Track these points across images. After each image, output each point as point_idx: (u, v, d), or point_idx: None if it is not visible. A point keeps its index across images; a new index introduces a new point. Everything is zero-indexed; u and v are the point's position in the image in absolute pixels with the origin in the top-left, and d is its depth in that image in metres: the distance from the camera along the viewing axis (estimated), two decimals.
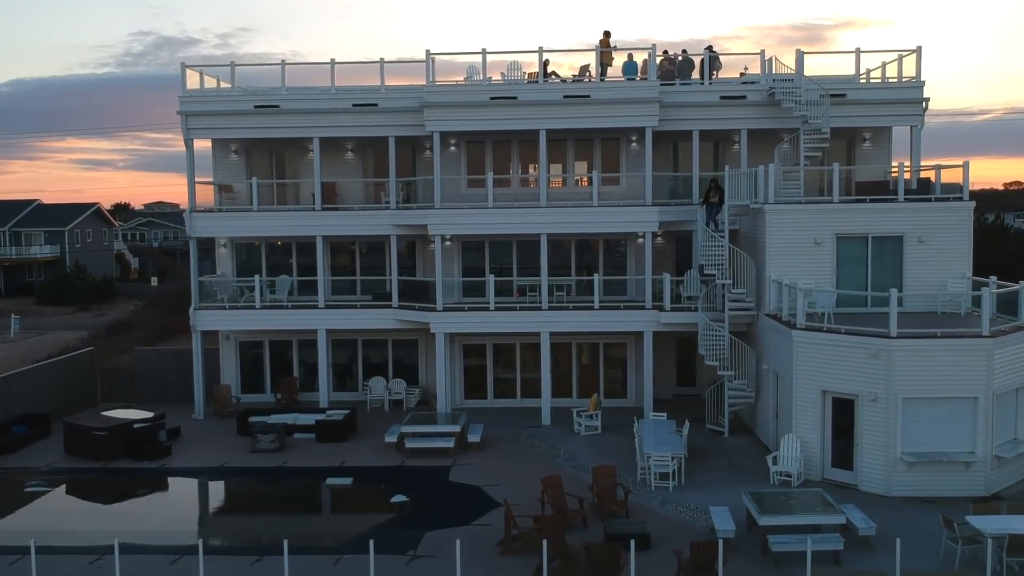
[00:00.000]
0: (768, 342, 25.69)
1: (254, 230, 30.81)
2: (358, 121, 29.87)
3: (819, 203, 25.87)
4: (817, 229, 25.69)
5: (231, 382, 32.90)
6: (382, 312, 30.35)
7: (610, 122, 28.88)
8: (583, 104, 28.57)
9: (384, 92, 29.87)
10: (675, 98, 29.30)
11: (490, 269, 31.46)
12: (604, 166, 31.46)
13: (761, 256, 26.35)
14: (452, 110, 28.77)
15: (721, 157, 31.83)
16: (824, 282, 25.50)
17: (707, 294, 27.95)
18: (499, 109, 28.68)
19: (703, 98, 29.42)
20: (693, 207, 29.18)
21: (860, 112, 29.32)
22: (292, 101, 29.97)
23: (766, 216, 25.76)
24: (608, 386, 31.82)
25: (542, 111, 28.63)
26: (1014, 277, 27.26)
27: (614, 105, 28.54)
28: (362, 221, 30.27)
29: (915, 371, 21.43)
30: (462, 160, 31.44)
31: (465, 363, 31.87)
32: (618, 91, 28.67)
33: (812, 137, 28.00)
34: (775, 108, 28.86)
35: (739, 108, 29.39)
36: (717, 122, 29.56)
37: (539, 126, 28.74)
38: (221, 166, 32.88)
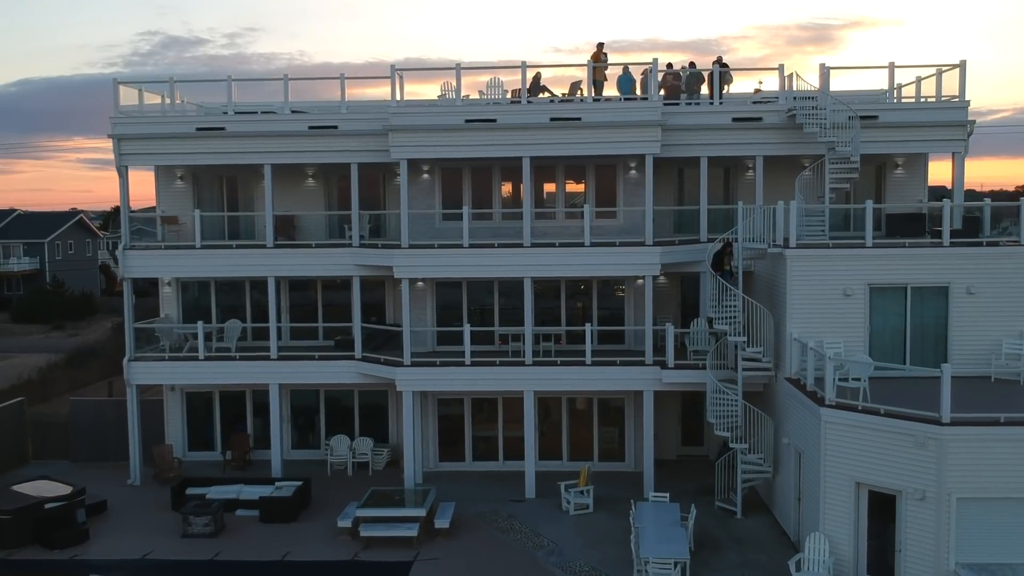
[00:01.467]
0: (789, 412, 21.72)
1: (198, 270, 26.93)
2: (316, 145, 25.99)
3: (849, 247, 21.87)
4: (847, 278, 21.71)
5: (176, 438, 29.07)
6: (343, 364, 26.46)
7: (605, 148, 24.93)
8: (573, 128, 24.64)
9: (346, 113, 25.98)
10: (680, 120, 25.35)
11: (468, 313, 27.56)
12: (599, 195, 27.53)
13: (780, 308, 22.38)
14: (421, 134, 24.86)
15: (733, 186, 27.91)
16: (855, 340, 21.57)
17: (717, 349, 23.99)
18: (476, 133, 24.77)
19: (712, 120, 25.46)
20: (701, 246, 25.24)
21: (894, 136, 25.34)
22: (240, 123, 26.10)
23: (787, 262, 21.79)
24: (604, 446, 27.87)
25: (526, 135, 24.70)
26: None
27: (609, 129, 24.60)
28: (321, 260, 26.37)
29: (973, 465, 17.43)
30: (436, 189, 27.53)
31: (440, 418, 27.95)
32: (614, 112, 24.73)
33: (839, 167, 24.05)
34: (796, 132, 24.91)
35: (754, 132, 25.43)
36: (728, 147, 25.61)
37: (522, 153, 24.82)
38: (165, 194, 29.03)
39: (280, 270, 26.49)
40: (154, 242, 27.93)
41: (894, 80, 26.13)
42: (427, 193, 27.43)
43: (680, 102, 26.27)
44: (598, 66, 25.60)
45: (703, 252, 24.83)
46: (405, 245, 25.14)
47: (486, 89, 26.03)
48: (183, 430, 29.23)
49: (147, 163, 27.02)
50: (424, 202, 27.37)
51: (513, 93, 26.16)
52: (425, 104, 26.22)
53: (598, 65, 25.57)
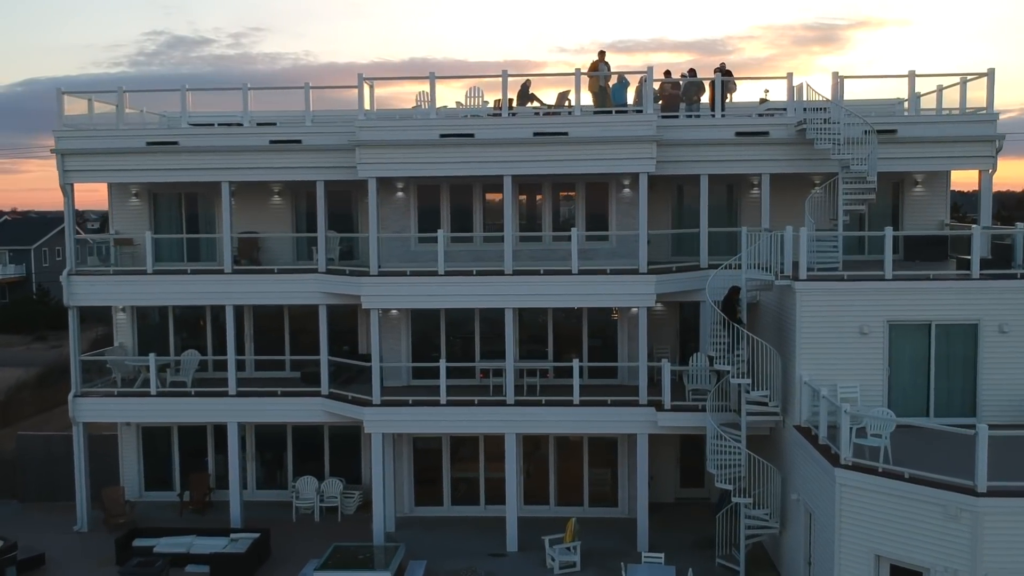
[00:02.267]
0: (798, 465, 19.34)
1: (149, 297, 24.58)
2: (278, 161, 23.66)
3: (866, 279, 19.48)
4: (863, 313, 19.33)
5: (131, 476, 26.82)
6: (308, 401, 24.14)
7: (594, 166, 22.56)
8: (559, 144, 22.28)
9: (310, 126, 23.65)
10: (678, 134, 22.98)
11: (447, 343, 25.20)
12: (590, 215, 25.16)
13: (789, 346, 20.02)
14: (391, 150, 22.52)
15: (737, 204, 25.54)
16: (872, 384, 19.23)
17: (718, 389, 21.62)
18: (451, 149, 22.42)
19: (713, 134, 23.08)
20: (701, 274, 22.91)
21: (915, 152, 22.96)
22: (195, 137, 23.79)
23: (796, 296, 19.42)
24: (595, 488, 25.51)
25: (507, 152, 22.35)
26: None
27: (599, 145, 22.24)
28: (284, 287, 24.05)
29: (1014, 543, 15.04)
30: (411, 208, 25.17)
31: (416, 454, 25.60)
32: (604, 127, 22.34)
33: (855, 187, 21.67)
34: (806, 147, 22.54)
35: (759, 147, 23.06)
36: (731, 164, 23.24)
37: (503, 171, 22.48)
38: (119, 212, 26.75)
39: (239, 297, 24.18)
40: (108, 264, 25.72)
41: (914, 89, 23.71)
42: (401, 213, 25.08)
43: (679, 114, 23.92)
44: (587, 75, 23.17)
45: (703, 280, 22.47)
46: (374, 272, 22.81)
47: (465, 99, 23.70)
48: (139, 467, 26.96)
49: (94, 180, 24.70)
50: (398, 222, 25.02)
51: (497, 103, 23.84)
52: (396, 117, 23.87)
53: (586, 74, 23.15)
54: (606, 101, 23.40)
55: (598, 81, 23.55)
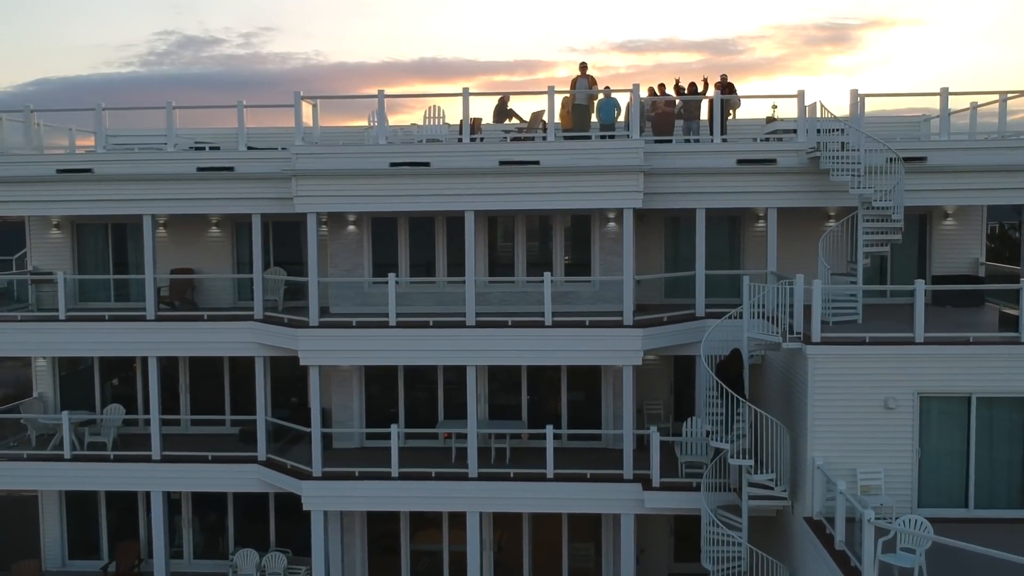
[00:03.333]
0: (810, 566, 16.03)
1: (63, 347, 21.44)
2: (208, 191, 20.48)
3: (892, 343, 16.15)
4: (889, 384, 16.06)
5: (53, 542, 23.67)
6: (243, 469, 20.95)
7: (571, 200, 19.30)
8: (530, 174, 19.01)
9: (244, 152, 20.45)
10: (670, 162, 19.70)
11: (405, 399, 21.95)
12: (570, 251, 21.85)
13: (799, 419, 16.74)
14: (332, 181, 19.28)
15: (740, 239, 22.27)
16: (899, 468, 16.02)
17: (717, 464, 18.33)
18: (404, 180, 19.17)
19: (711, 162, 19.77)
20: (696, 324, 19.68)
21: (948, 183, 19.63)
22: (112, 164, 20.61)
23: (808, 363, 16.13)
24: (576, 565, 22.20)
25: (469, 184, 19.09)
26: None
27: (577, 176, 18.97)
28: (215, 336, 20.85)
29: None
30: (365, 244, 21.87)
31: (370, 526, 22.29)
32: (582, 155, 19.05)
33: (877, 225, 18.36)
34: (819, 177, 19.25)
35: (765, 177, 19.75)
36: (732, 197, 19.95)
37: (464, 206, 19.23)
38: (39, 247, 23.61)
39: (164, 348, 20.99)
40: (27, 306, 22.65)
41: (946, 108, 20.36)
42: (353, 249, 21.82)
43: (673, 138, 20.67)
44: (561, 92, 19.84)
45: (699, 332, 19.25)
46: (313, 322, 19.58)
47: (426, 119, 20.44)
48: (62, 533, 23.78)
49: (2, 212, 21.54)
50: (349, 260, 21.77)
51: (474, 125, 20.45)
52: (339, 142, 20.65)
53: (560, 92, 19.81)
54: (587, 122, 20.10)
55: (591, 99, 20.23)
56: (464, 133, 19.14)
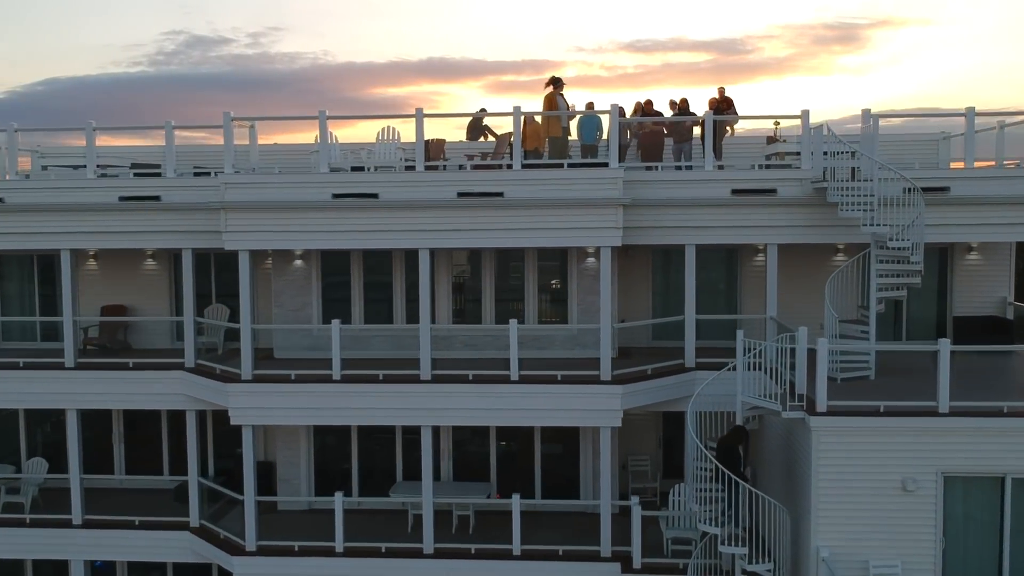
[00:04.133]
0: None
1: None
2: (132, 223, 18.08)
3: (911, 414, 13.65)
4: (908, 461, 13.62)
5: None
6: (173, 537, 18.53)
7: (540, 238, 16.83)
8: (492, 208, 16.53)
9: (173, 179, 18.04)
10: (656, 192, 17.23)
11: (360, 455, 19.52)
12: (544, 289, 19.41)
13: (801, 500, 14.27)
14: (267, 215, 16.86)
15: (737, 273, 19.79)
16: (919, 561, 13.66)
17: (707, 544, 15.85)
18: (349, 215, 16.73)
19: (703, 192, 17.28)
20: (686, 377, 17.24)
21: (974, 217, 17.16)
22: (22, 192, 18.21)
23: (813, 437, 13.66)
24: None
25: (422, 218, 16.63)
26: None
27: (546, 210, 16.48)
28: (141, 387, 18.45)
29: None
30: (313, 281, 19.47)
31: None
32: (552, 186, 16.55)
33: (893, 267, 15.86)
34: (826, 210, 16.74)
35: (764, 210, 17.25)
36: (727, 232, 17.46)
37: (417, 243, 16.78)
38: None
39: (86, 399, 18.60)
40: None
41: (972, 128, 17.82)
42: (300, 286, 19.41)
43: (660, 165, 18.23)
44: (528, 115, 17.37)
45: (689, 386, 16.87)
46: (246, 375, 17.15)
47: (380, 138, 17.98)
48: None
49: None
50: (296, 299, 19.38)
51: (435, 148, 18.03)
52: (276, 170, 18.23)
53: (528, 114, 17.33)
54: (565, 147, 17.61)
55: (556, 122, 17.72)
56: (418, 159, 16.66)
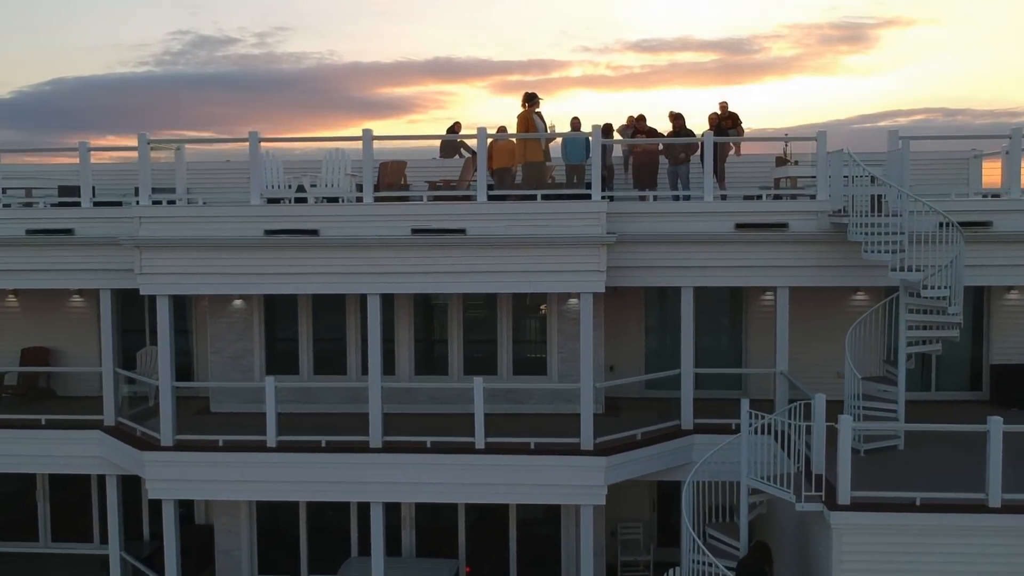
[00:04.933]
0: None
1: None
2: (43, 260, 15.59)
3: (951, 508, 11.13)
4: (952, 567, 11.07)
5: None
6: None
7: (507, 282, 14.32)
8: (453, 247, 14.03)
9: (89, 209, 15.57)
10: (645, 227, 14.72)
11: (308, 525, 17.02)
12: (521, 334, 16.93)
13: None
14: (188, 254, 14.37)
15: (742, 313, 17.29)
16: None
17: None
18: (285, 254, 14.24)
19: (701, 227, 14.75)
20: (683, 443, 14.76)
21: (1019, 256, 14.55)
22: None
23: (832, 536, 11.14)
24: None
25: (371, 259, 14.13)
26: None
27: (515, 250, 13.97)
28: (56, 450, 15.95)
29: None
30: (256, 324, 17.01)
31: None
32: (521, 220, 14.00)
33: (925, 319, 13.32)
34: (845, 248, 14.22)
35: (774, 247, 14.74)
36: (730, 272, 14.95)
37: (365, 287, 14.31)
38: None
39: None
40: None
41: (1020, 153, 15.26)
42: (241, 330, 16.95)
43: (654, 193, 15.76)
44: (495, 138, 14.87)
45: (687, 452, 14.42)
46: (167, 441, 14.67)
47: (327, 165, 15.51)
48: None
49: None
50: (236, 344, 16.92)
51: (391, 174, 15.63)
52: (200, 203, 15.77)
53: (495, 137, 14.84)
54: (541, 174, 15.11)
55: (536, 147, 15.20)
56: (366, 189, 14.17)
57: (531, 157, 14.54)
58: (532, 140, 14.65)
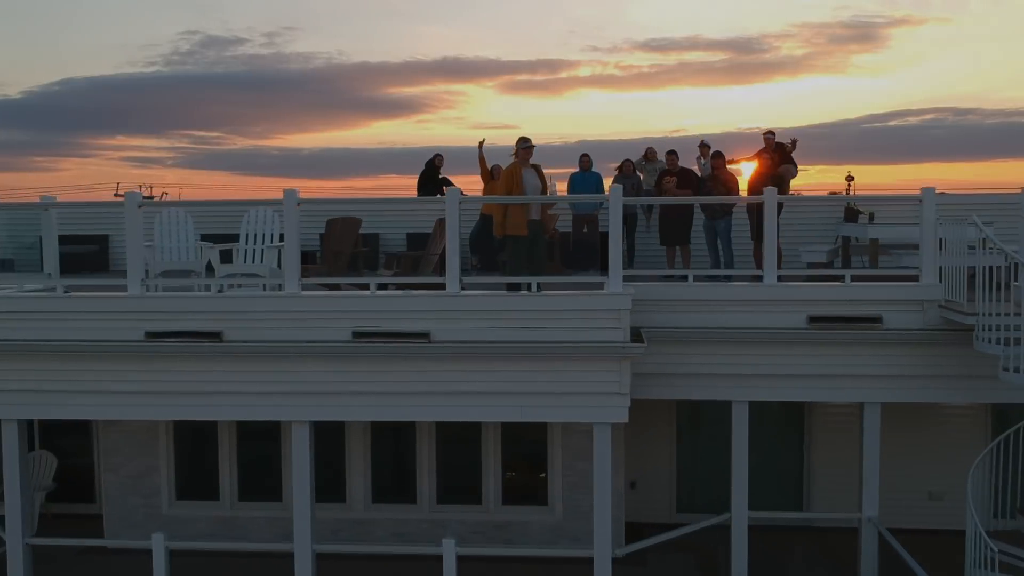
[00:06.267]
0: None
1: None
2: None
3: None
4: None
5: None
6: None
7: (487, 408, 10.10)
8: (412, 358, 9.85)
9: None
10: (677, 318, 10.56)
11: None
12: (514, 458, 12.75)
13: None
14: (35, 365, 10.20)
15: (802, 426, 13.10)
16: None
17: None
18: (173, 366, 10.08)
19: (759, 319, 10.56)
20: None
21: None
22: None
23: None
24: None
25: (295, 374, 9.95)
26: None
27: (497, 363, 9.77)
28: None
29: None
30: (162, 435, 12.86)
31: None
32: (508, 320, 9.80)
33: None
34: (960, 348, 10.00)
35: (860, 349, 10.53)
36: (800, 384, 10.75)
37: (288, 415, 10.13)
38: None
39: None
40: None
41: None
42: (142, 443, 12.80)
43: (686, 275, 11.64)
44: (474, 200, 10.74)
45: None
46: None
47: (244, 236, 11.41)
48: None
49: None
50: (138, 461, 12.81)
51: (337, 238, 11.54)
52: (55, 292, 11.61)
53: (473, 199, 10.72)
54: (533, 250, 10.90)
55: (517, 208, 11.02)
56: (287, 274, 10.00)
57: (513, 230, 10.34)
58: (519, 207, 10.45)
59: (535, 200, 10.44)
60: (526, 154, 10.52)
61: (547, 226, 10.74)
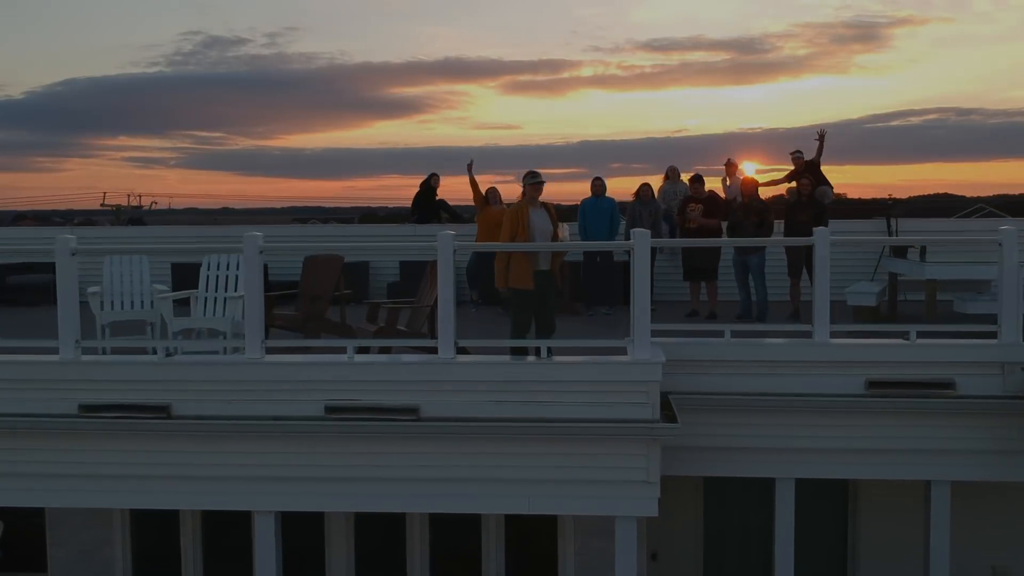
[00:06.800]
0: None
1: None
2: None
3: None
4: None
5: None
6: None
7: (483, 500, 8.49)
8: (396, 437, 8.21)
9: None
10: (709, 381, 8.90)
11: None
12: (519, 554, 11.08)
13: None
14: None
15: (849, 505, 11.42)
16: None
17: None
18: (116, 444, 8.46)
19: (807, 383, 8.92)
20: None
21: None
22: None
23: None
24: None
25: (257, 456, 8.33)
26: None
27: (500, 444, 8.14)
28: None
29: None
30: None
31: None
32: (512, 393, 8.17)
33: None
34: None
35: (928, 420, 8.89)
36: (853, 461, 9.10)
37: (250, 503, 8.49)
38: None
39: None
40: None
41: None
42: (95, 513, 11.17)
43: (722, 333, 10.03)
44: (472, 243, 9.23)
45: None
46: None
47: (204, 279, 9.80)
48: None
49: None
50: (88, 532, 11.15)
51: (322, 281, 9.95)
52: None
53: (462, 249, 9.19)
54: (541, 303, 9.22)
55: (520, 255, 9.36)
56: (250, 339, 8.37)
57: (517, 282, 8.65)
58: (521, 254, 8.76)
59: (544, 248, 8.75)
60: (534, 191, 8.85)
61: (557, 277, 9.07)
